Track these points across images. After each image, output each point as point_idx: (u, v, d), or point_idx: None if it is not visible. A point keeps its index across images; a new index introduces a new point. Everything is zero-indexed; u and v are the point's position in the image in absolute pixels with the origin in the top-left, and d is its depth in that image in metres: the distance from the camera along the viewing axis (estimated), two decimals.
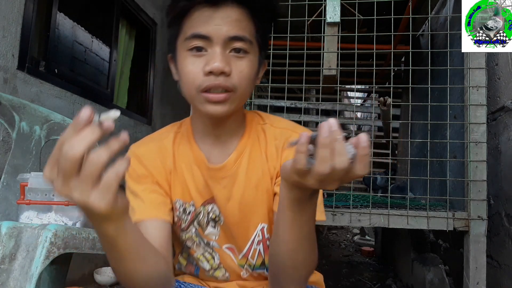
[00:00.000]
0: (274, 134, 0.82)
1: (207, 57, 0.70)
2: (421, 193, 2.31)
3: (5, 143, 1.68)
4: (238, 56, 0.71)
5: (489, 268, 1.44)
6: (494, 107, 1.58)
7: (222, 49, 0.70)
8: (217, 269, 0.83)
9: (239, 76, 0.71)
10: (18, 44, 1.83)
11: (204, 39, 0.70)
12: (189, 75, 0.71)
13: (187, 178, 0.81)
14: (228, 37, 0.70)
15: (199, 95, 0.71)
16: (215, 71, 0.68)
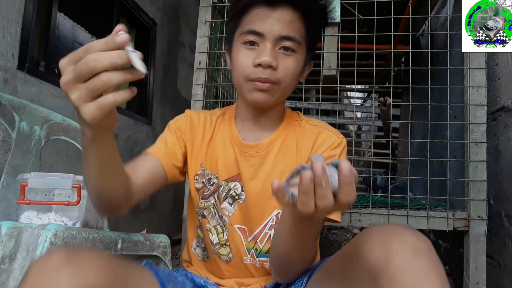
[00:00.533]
0: (309, 130, 0.90)
1: (258, 51, 0.79)
2: (421, 193, 2.31)
3: (5, 143, 1.68)
4: (285, 53, 0.80)
5: (489, 268, 1.44)
6: (494, 107, 1.58)
7: (272, 45, 0.78)
8: (223, 245, 0.87)
9: (284, 71, 0.79)
10: (18, 44, 1.83)
11: (258, 35, 0.78)
12: (240, 65, 0.80)
13: (218, 152, 0.89)
14: (279, 36, 0.78)
15: (247, 83, 0.80)
16: (264, 64, 0.77)
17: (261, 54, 0.77)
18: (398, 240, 0.56)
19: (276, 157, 0.86)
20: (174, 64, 3.61)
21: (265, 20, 0.78)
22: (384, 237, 0.57)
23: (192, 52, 2.00)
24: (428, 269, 0.52)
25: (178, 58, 3.69)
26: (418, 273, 0.52)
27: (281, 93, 0.82)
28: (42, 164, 1.24)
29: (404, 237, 0.56)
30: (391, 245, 0.55)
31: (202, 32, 1.73)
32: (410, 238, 0.56)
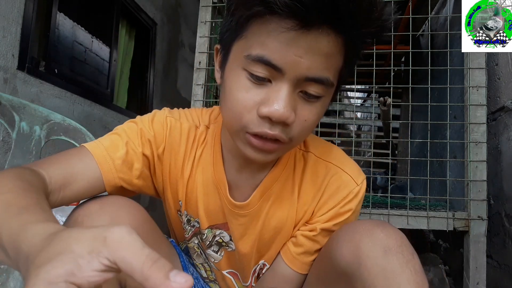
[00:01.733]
0: (316, 169, 0.67)
1: (269, 92, 0.51)
2: (421, 193, 2.31)
3: (5, 143, 1.68)
4: (309, 100, 0.53)
5: (489, 268, 1.44)
6: (494, 107, 1.58)
7: (292, 88, 0.51)
8: (212, 282, 0.79)
9: (302, 125, 0.54)
10: (18, 44, 1.83)
11: (274, 69, 0.50)
12: (237, 105, 0.53)
13: (199, 194, 0.68)
14: (305, 77, 0.51)
15: (242, 134, 0.55)
16: (275, 118, 0.51)
17: (274, 100, 0.50)
18: (366, 240, 0.53)
19: (269, 211, 0.67)
20: (174, 64, 3.61)
21: (289, 48, 0.49)
22: (353, 238, 0.55)
23: (192, 52, 2.01)
24: (400, 267, 0.51)
25: (178, 58, 3.69)
26: (390, 273, 0.50)
27: (290, 150, 0.61)
28: None
29: (372, 236, 0.53)
30: (360, 247, 0.52)
31: (202, 32, 1.73)
32: (379, 236, 0.53)
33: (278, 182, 0.67)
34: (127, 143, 0.64)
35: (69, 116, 1.35)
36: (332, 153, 0.68)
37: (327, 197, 0.66)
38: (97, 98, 2.50)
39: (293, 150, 0.68)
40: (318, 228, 0.65)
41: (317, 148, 0.69)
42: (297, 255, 0.68)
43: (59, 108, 2.06)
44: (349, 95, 6.48)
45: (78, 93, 2.28)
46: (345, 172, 0.66)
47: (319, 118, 0.57)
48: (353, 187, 0.65)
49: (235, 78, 0.54)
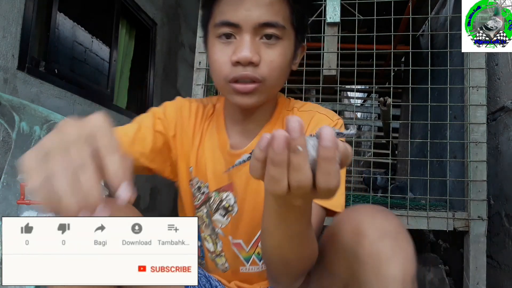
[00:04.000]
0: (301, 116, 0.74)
1: (236, 44, 0.67)
2: (421, 193, 2.31)
3: (5, 143, 1.68)
4: (269, 43, 0.68)
5: (489, 268, 1.44)
6: (494, 107, 1.58)
7: (251, 36, 0.67)
8: (218, 255, 0.80)
9: (269, 66, 0.68)
10: (18, 44, 1.82)
11: (233, 26, 0.67)
12: (216, 64, 0.69)
13: (207, 158, 0.79)
14: (258, 24, 0.66)
15: (227, 85, 0.69)
16: (243, 61, 0.65)
17: (239, 48, 0.66)
18: (367, 221, 0.56)
19: None
20: (174, 64, 3.61)
21: (239, 7, 0.66)
22: (355, 218, 0.58)
23: (192, 52, 2.01)
24: (393, 252, 0.53)
25: (178, 58, 3.69)
26: (383, 255, 0.52)
27: (269, 91, 0.72)
28: None
29: (373, 218, 0.56)
30: (360, 227, 0.55)
31: (202, 32, 1.73)
32: (379, 219, 0.56)
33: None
34: (140, 122, 0.76)
35: (69, 116, 1.35)
36: (312, 105, 0.83)
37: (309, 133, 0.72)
38: (97, 98, 2.50)
39: (283, 112, 0.80)
40: None
41: (300, 105, 0.83)
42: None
43: (59, 108, 2.06)
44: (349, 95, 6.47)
45: (78, 93, 2.28)
46: (321, 113, 0.79)
47: (284, 59, 0.70)
48: (329, 122, 0.77)
49: (212, 47, 0.70)
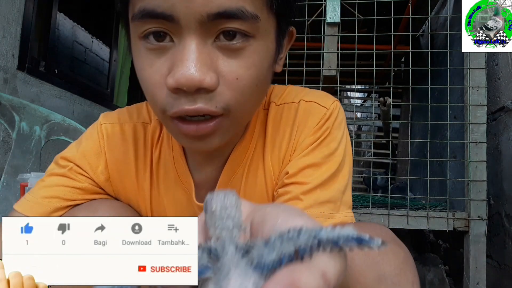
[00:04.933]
0: (281, 116, 0.55)
1: (173, 55, 0.40)
2: (421, 193, 2.31)
3: (5, 143, 1.68)
4: (230, 48, 0.40)
5: (489, 268, 1.44)
6: (494, 107, 1.58)
7: (199, 38, 0.39)
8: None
9: (233, 86, 0.41)
10: (18, 44, 1.83)
11: (164, 20, 0.38)
12: (146, 86, 0.42)
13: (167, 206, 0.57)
14: (208, 15, 0.38)
15: (169, 122, 0.44)
16: (186, 87, 0.38)
17: (178, 63, 0.38)
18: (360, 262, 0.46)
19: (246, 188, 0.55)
20: None
21: None
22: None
23: None
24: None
25: None
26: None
27: (238, 124, 0.47)
28: (42, 164, 1.24)
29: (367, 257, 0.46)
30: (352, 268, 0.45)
31: None
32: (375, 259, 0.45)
33: (248, 153, 0.55)
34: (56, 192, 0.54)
35: (69, 116, 1.35)
36: (292, 92, 0.57)
37: (299, 134, 0.53)
38: (97, 98, 2.50)
39: (260, 114, 0.56)
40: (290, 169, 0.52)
41: (278, 96, 0.57)
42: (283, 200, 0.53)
43: (59, 108, 2.06)
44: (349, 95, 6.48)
45: (78, 93, 2.28)
46: (309, 102, 0.55)
47: (260, 70, 0.43)
48: (321, 111, 0.53)
49: (137, 55, 0.43)
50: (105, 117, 0.58)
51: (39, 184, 0.57)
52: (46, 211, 0.54)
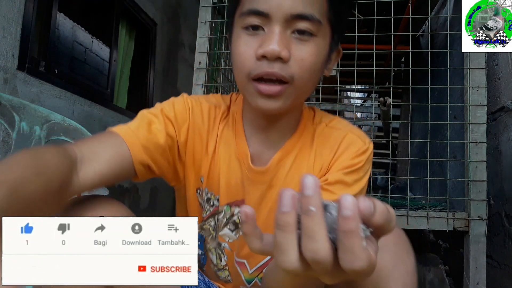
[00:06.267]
0: (329, 135, 0.71)
1: (263, 37, 0.58)
2: (421, 193, 2.31)
3: (5, 143, 1.68)
4: (301, 39, 0.59)
5: (489, 268, 1.44)
6: (494, 107, 1.58)
7: (282, 28, 0.58)
8: (221, 269, 0.76)
9: (299, 64, 0.59)
10: (18, 44, 1.82)
11: (262, 16, 0.58)
12: (239, 58, 0.60)
13: (221, 168, 0.70)
14: (291, 15, 0.57)
15: (250, 84, 0.60)
16: (269, 55, 0.57)
17: (267, 41, 0.57)
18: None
19: (287, 176, 0.69)
20: (174, 64, 3.61)
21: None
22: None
23: (192, 52, 2.01)
24: (393, 265, 0.50)
25: (178, 58, 3.69)
26: (382, 270, 0.49)
27: (297, 96, 0.62)
28: None
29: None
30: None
31: (202, 32, 1.73)
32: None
33: (296, 149, 0.70)
34: (151, 123, 0.66)
35: (69, 116, 1.35)
36: (341, 122, 0.74)
37: (340, 154, 0.69)
38: (97, 98, 2.50)
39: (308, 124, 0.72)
40: (330, 178, 0.67)
41: (328, 120, 0.74)
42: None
43: (59, 108, 2.06)
44: (349, 95, 6.48)
45: (78, 93, 2.28)
46: (354, 134, 0.71)
47: (317, 59, 0.61)
48: (361, 145, 0.69)
49: (237, 39, 0.62)
50: (189, 96, 0.73)
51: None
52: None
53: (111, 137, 0.62)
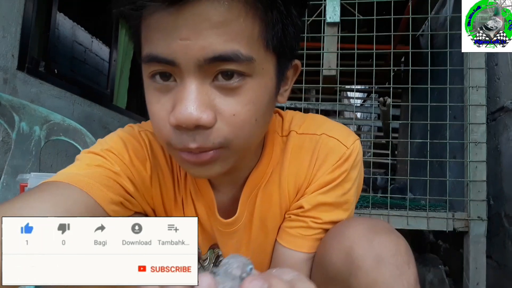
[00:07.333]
0: (302, 146, 0.58)
1: (175, 94, 0.44)
2: (421, 193, 2.31)
3: (5, 143, 1.68)
4: (228, 87, 0.43)
5: (489, 269, 1.44)
6: (494, 107, 1.58)
7: (197, 80, 0.43)
8: None
9: (231, 122, 0.44)
10: (18, 44, 1.83)
11: (167, 64, 0.43)
12: (153, 120, 0.47)
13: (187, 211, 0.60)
14: (204, 60, 0.41)
15: (175, 152, 0.47)
16: (185, 125, 0.42)
17: (178, 103, 0.42)
18: (358, 248, 0.49)
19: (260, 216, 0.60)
20: None
21: (171, 33, 0.41)
22: (344, 244, 0.50)
23: None
24: (393, 280, 0.47)
25: None
26: (382, 286, 0.46)
27: (240, 155, 0.49)
28: (42, 165, 1.24)
29: (364, 243, 0.49)
30: (351, 255, 0.49)
31: None
32: (371, 244, 0.48)
33: (263, 180, 0.59)
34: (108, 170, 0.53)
35: (68, 116, 1.35)
36: (314, 123, 0.60)
37: (317, 168, 0.57)
38: (97, 99, 2.50)
39: (276, 141, 0.59)
40: (305, 204, 0.57)
41: (298, 125, 0.60)
42: (292, 229, 0.58)
43: (59, 108, 2.06)
44: (349, 95, 6.48)
45: (78, 93, 2.28)
46: (331, 137, 0.58)
47: (257, 103, 0.45)
48: (342, 151, 0.57)
49: (147, 91, 0.47)
50: (140, 126, 0.61)
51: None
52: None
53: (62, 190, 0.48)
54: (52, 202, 0.45)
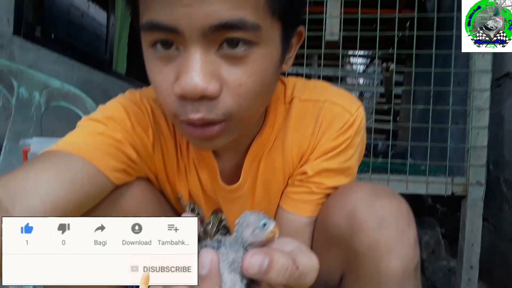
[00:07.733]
0: (305, 113, 0.58)
1: (179, 63, 0.42)
2: (421, 159, 2.32)
3: (5, 109, 1.68)
4: (234, 56, 0.41)
5: (485, 231, 1.47)
6: (498, 74, 1.56)
7: (202, 49, 0.40)
8: None
9: (237, 92, 0.42)
10: (13, 8, 1.78)
11: (170, 32, 0.40)
12: (157, 91, 0.45)
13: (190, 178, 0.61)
14: (210, 27, 0.39)
15: (180, 125, 0.46)
16: (190, 95, 0.40)
17: (183, 72, 0.40)
18: (360, 210, 0.50)
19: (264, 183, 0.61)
20: None
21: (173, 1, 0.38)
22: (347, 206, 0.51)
23: None
24: (393, 240, 0.48)
25: None
26: (382, 246, 0.48)
27: (244, 126, 0.48)
28: (43, 130, 1.24)
29: (367, 205, 0.50)
30: (354, 217, 0.50)
31: None
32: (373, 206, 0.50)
33: (266, 148, 0.59)
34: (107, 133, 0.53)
35: (67, 81, 1.34)
36: (317, 89, 0.60)
37: (321, 135, 0.57)
38: (96, 64, 2.46)
39: (279, 108, 0.59)
40: (309, 170, 0.58)
41: (301, 91, 0.59)
42: (295, 195, 0.60)
43: (58, 73, 2.04)
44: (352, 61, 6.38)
45: (76, 58, 2.25)
46: (335, 104, 0.57)
47: (265, 76, 0.44)
48: (346, 117, 0.57)
49: (147, 61, 0.45)
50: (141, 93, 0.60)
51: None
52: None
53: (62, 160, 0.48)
54: (55, 172, 0.46)
